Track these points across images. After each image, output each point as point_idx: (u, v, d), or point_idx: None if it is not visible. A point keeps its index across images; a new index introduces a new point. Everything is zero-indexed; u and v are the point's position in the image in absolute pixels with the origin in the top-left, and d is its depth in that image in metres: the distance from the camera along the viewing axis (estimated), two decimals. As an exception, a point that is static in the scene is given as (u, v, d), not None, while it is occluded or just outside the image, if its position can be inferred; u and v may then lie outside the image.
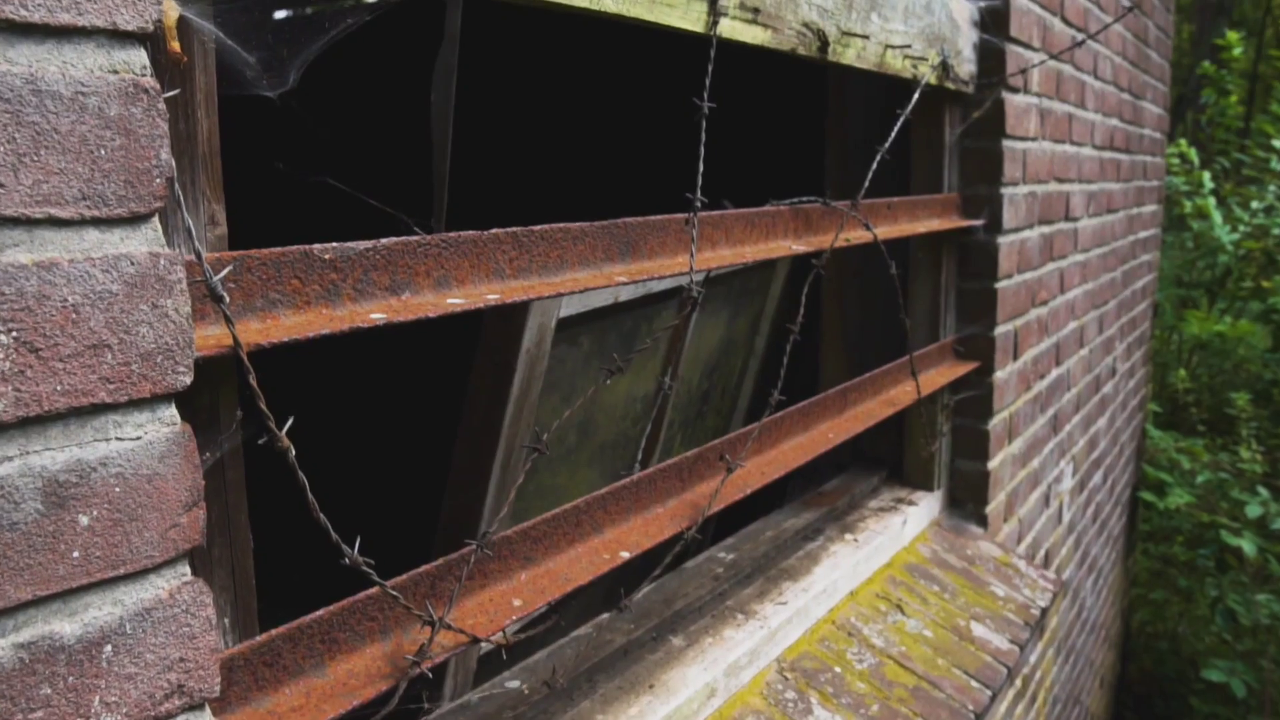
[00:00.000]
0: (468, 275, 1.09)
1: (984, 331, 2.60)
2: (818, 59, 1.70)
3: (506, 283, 1.13)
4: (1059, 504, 3.57)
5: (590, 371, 1.87)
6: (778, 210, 1.67)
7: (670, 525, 1.43)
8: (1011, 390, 2.81)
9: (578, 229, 1.23)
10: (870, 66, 1.89)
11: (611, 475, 2.16)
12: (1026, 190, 2.74)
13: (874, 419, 2.03)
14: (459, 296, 1.05)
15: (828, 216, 1.84)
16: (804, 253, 1.65)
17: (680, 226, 1.42)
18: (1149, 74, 4.66)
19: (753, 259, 1.49)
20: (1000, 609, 2.43)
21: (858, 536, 2.32)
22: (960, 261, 2.59)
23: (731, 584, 2.01)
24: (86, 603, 0.69)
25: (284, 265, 0.91)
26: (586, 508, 1.32)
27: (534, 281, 1.17)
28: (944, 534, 2.64)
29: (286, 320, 0.91)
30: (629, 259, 1.32)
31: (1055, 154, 3.02)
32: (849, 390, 2.03)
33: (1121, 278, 4.40)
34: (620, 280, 1.23)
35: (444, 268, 1.06)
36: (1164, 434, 5.76)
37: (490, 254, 1.11)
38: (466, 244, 1.08)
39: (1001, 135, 2.51)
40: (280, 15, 0.88)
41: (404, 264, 1.01)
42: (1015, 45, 2.54)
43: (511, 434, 1.61)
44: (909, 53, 2.04)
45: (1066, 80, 3.09)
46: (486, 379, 1.56)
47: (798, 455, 1.75)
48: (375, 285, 0.99)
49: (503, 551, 1.19)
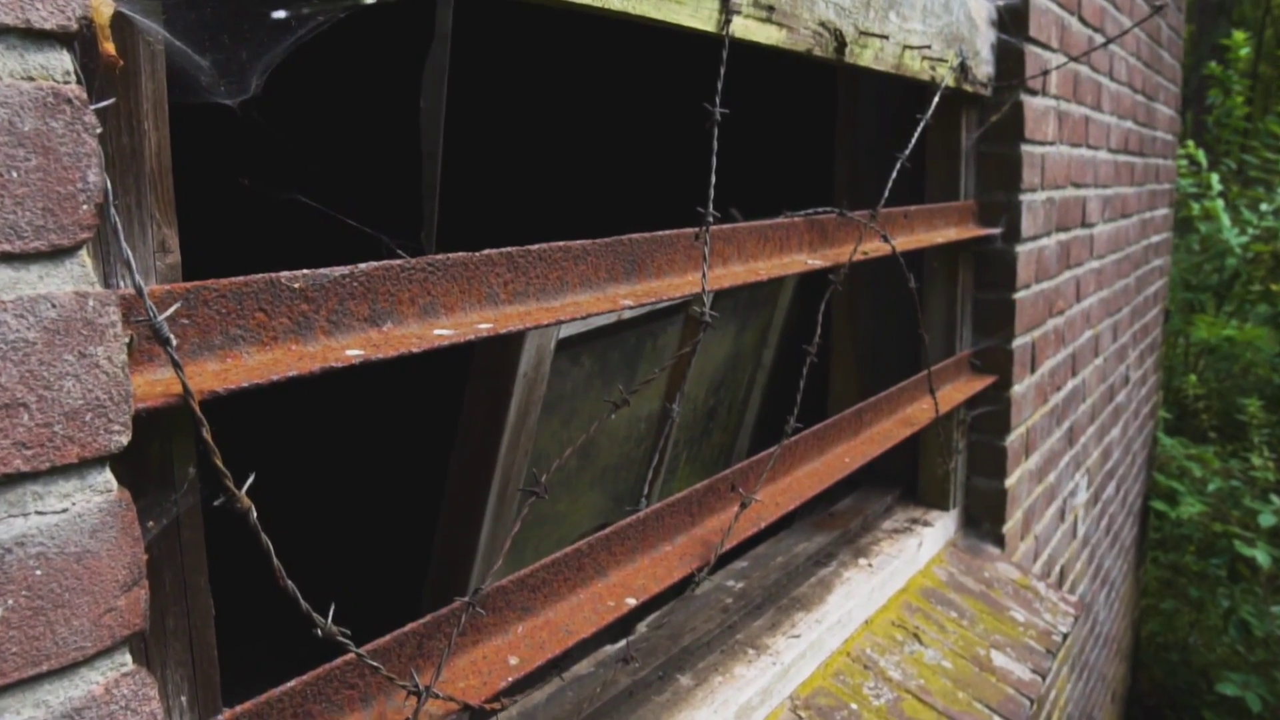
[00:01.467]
0: (457, 302, 0.98)
1: (1002, 344, 2.49)
2: (834, 61, 1.59)
3: (500, 309, 1.02)
4: (1074, 518, 3.47)
5: (592, 392, 1.76)
6: (792, 222, 1.56)
7: (680, 565, 1.32)
8: (1029, 404, 2.70)
9: (578, 248, 1.12)
10: (888, 69, 1.79)
11: (614, 498, 2.05)
12: (1044, 196, 2.63)
13: (891, 441, 1.93)
14: (447, 326, 0.95)
15: (843, 228, 1.74)
16: (821, 268, 1.54)
17: (689, 242, 1.31)
18: (1161, 75, 4.56)
19: (766, 276, 1.39)
20: (1021, 636, 2.32)
21: (872, 561, 2.21)
22: (977, 271, 2.49)
23: (741, 615, 1.90)
24: (2, 708, 0.59)
25: (247, 296, 0.80)
26: (589, 550, 1.21)
27: (531, 307, 1.06)
28: (960, 555, 2.53)
29: (250, 359, 0.80)
30: (634, 279, 1.22)
31: (1072, 158, 2.91)
32: (864, 410, 1.92)
33: (1135, 283, 4.29)
34: (626, 304, 1.12)
35: (430, 294, 0.95)
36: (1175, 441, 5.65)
37: (482, 277, 1.01)
38: (456, 267, 0.98)
39: (1020, 139, 2.41)
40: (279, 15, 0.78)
41: (385, 291, 0.91)
42: (1034, 46, 2.44)
43: (508, 463, 1.50)
44: (927, 54, 1.93)
45: (1084, 82, 2.99)
46: (481, 405, 1.45)
47: (813, 483, 1.64)
48: (353, 316, 0.88)
49: (497, 603, 1.08)
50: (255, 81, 0.76)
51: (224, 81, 0.73)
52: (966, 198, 2.41)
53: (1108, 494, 4.14)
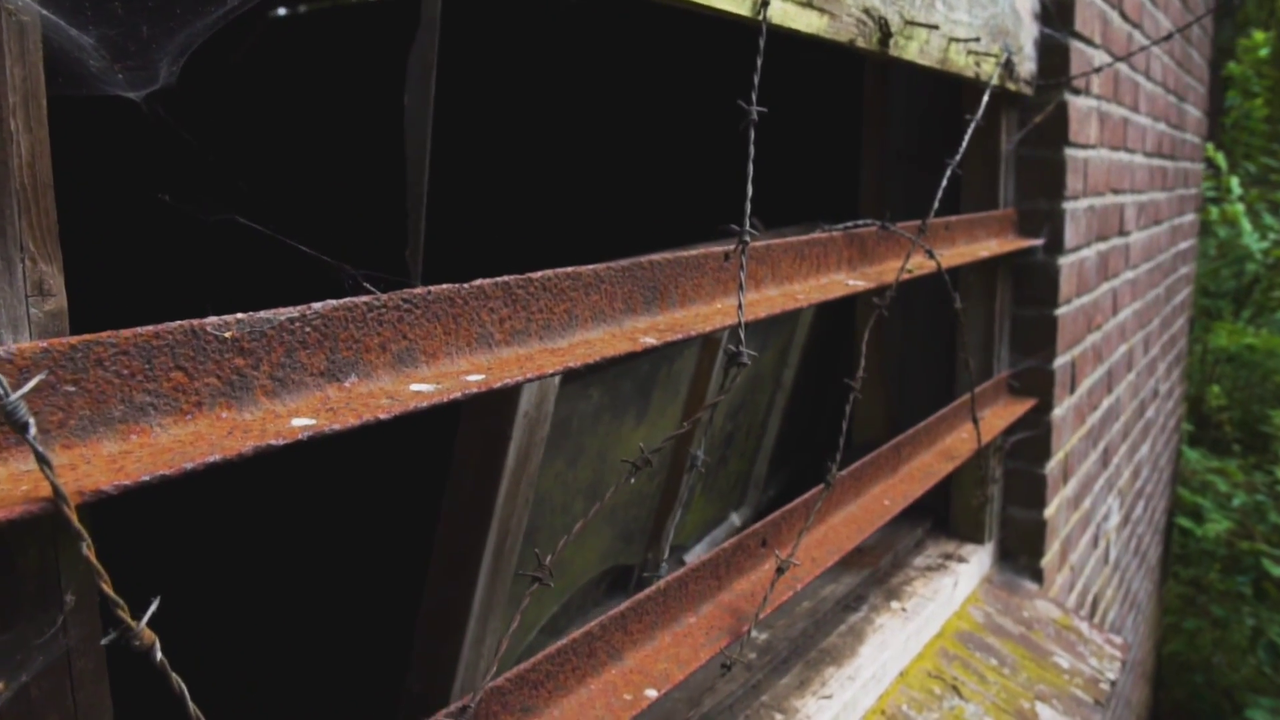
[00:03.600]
0: (440, 346, 0.79)
1: (1042, 364, 2.30)
2: (876, 53, 1.40)
3: (495, 353, 0.83)
4: (1105, 543, 3.27)
5: (601, 426, 1.57)
6: (830, 237, 1.37)
7: (707, 642, 1.12)
8: (1068, 427, 2.51)
9: (589, 274, 0.93)
10: (933, 64, 1.59)
11: (624, 537, 1.86)
12: (1086, 204, 2.44)
13: (932, 478, 1.73)
14: (428, 379, 0.75)
15: (884, 242, 1.54)
16: (864, 290, 1.35)
17: (718, 264, 1.12)
18: (1190, 75, 4.36)
19: (806, 302, 1.19)
20: (1066, 685, 2.13)
21: (905, 605, 2.02)
22: (1015, 286, 2.29)
23: (766, 673, 1.71)
24: None
25: (159, 351, 0.61)
26: (602, 632, 1.02)
27: (533, 348, 0.87)
28: (996, 593, 2.34)
29: (163, 435, 0.61)
30: (656, 308, 1.02)
31: (1112, 163, 2.72)
32: (902, 445, 1.73)
33: (1164, 293, 4.10)
34: (648, 341, 0.92)
35: (407, 338, 0.76)
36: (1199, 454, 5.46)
37: (472, 314, 0.81)
38: (439, 303, 0.78)
39: (1064, 143, 2.21)
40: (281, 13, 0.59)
41: (348, 337, 0.71)
42: (1079, 42, 2.24)
43: (506, 514, 1.31)
44: (973, 48, 1.74)
45: (1123, 81, 2.80)
46: (474, 449, 1.26)
47: (851, 532, 1.45)
48: (305, 370, 0.69)
49: (492, 707, 0.89)
50: (166, 68, 0.57)
51: (121, 67, 0.54)
52: (1005, 206, 2.22)
53: (1136, 514, 3.95)
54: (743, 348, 0.96)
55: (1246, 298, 7.67)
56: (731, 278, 1.14)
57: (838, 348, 2.81)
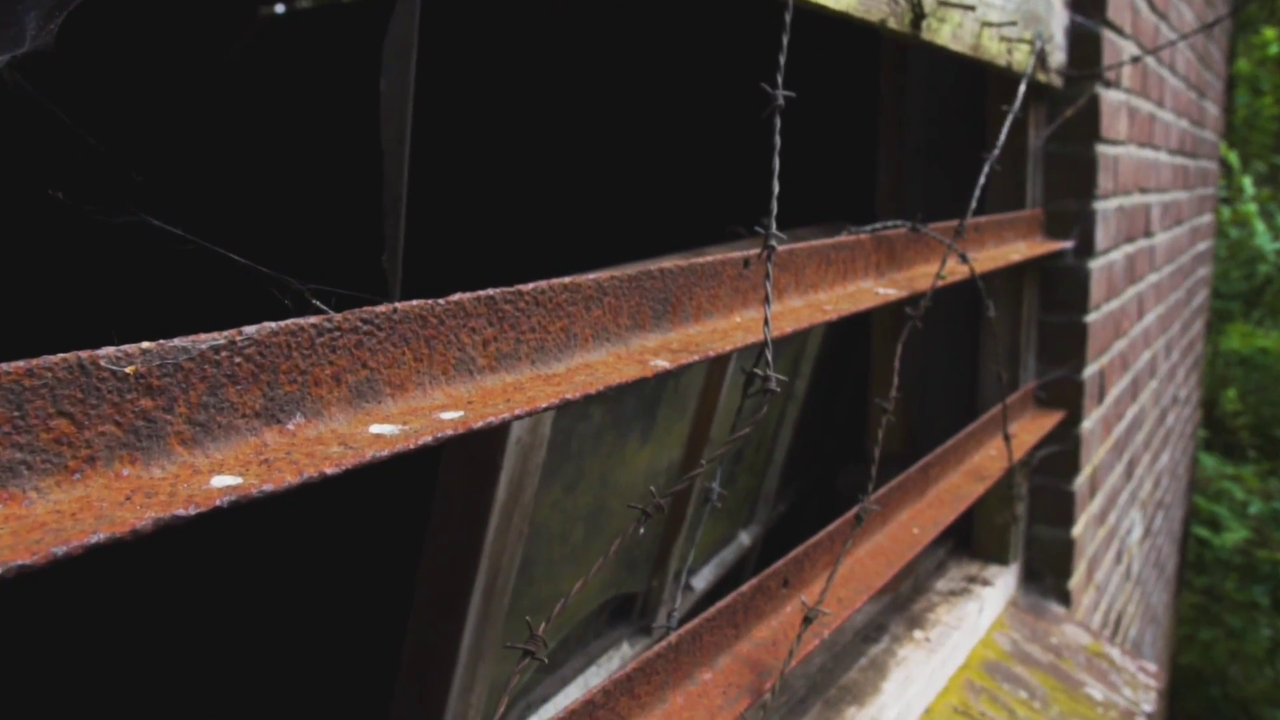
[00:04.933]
0: (410, 376, 0.65)
1: (1071, 374, 2.16)
2: (908, 35, 1.26)
3: (478, 382, 0.69)
4: (1128, 559, 3.14)
5: (603, 448, 1.43)
6: (857, 240, 1.23)
7: (725, 704, 0.99)
8: (1096, 440, 2.37)
9: (590, 285, 0.79)
10: (965, 49, 1.46)
11: (628, 565, 1.72)
12: (1116, 204, 2.30)
13: (963, 501, 1.59)
14: (392, 418, 0.62)
15: (912, 246, 1.41)
16: (896, 300, 1.21)
17: (737, 271, 0.98)
18: (1210, 70, 4.23)
19: (835, 314, 1.06)
20: (1101, 719, 1.99)
21: (929, 634, 1.88)
22: (1043, 291, 2.15)
23: (783, 714, 1.57)
24: None
25: (34, 393, 0.47)
26: (605, 699, 0.88)
27: (522, 375, 0.73)
28: (1022, 616, 2.20)
29: (39, 504, 0.47)
30: (667, 324, 0.88)
31: (1140, 161, 2.58)
32: (930, 465, 1.59)
33: (1185, 296, 3.97)
34: (659, 365, 0.79)
35: (367, 366, 0.62)
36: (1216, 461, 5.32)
37: (450, 336, 0.68)
38: (408, 323, 0.65)
39: (1095, 138, 2.08)
40: None
41: (291, 368, 0.58)
42: (1110, 31, 2.11)
43: (497, 551, 1.17)
44: (1006, 33, 1.60)
45: (1150, 75, 2.66)
46: (461, 480, 1.12)
47: (880, 566, 1.31)
48: (235, 411, 0.55)
49: (475, 799, 0.75)
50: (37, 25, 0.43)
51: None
52: (1033, 206, 2.08)
53: (1156, 525, 3.81)
54: (770, 371, 0.82)
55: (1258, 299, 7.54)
56: (752, 287, 1.00)
57: (848, 356, 2.67)
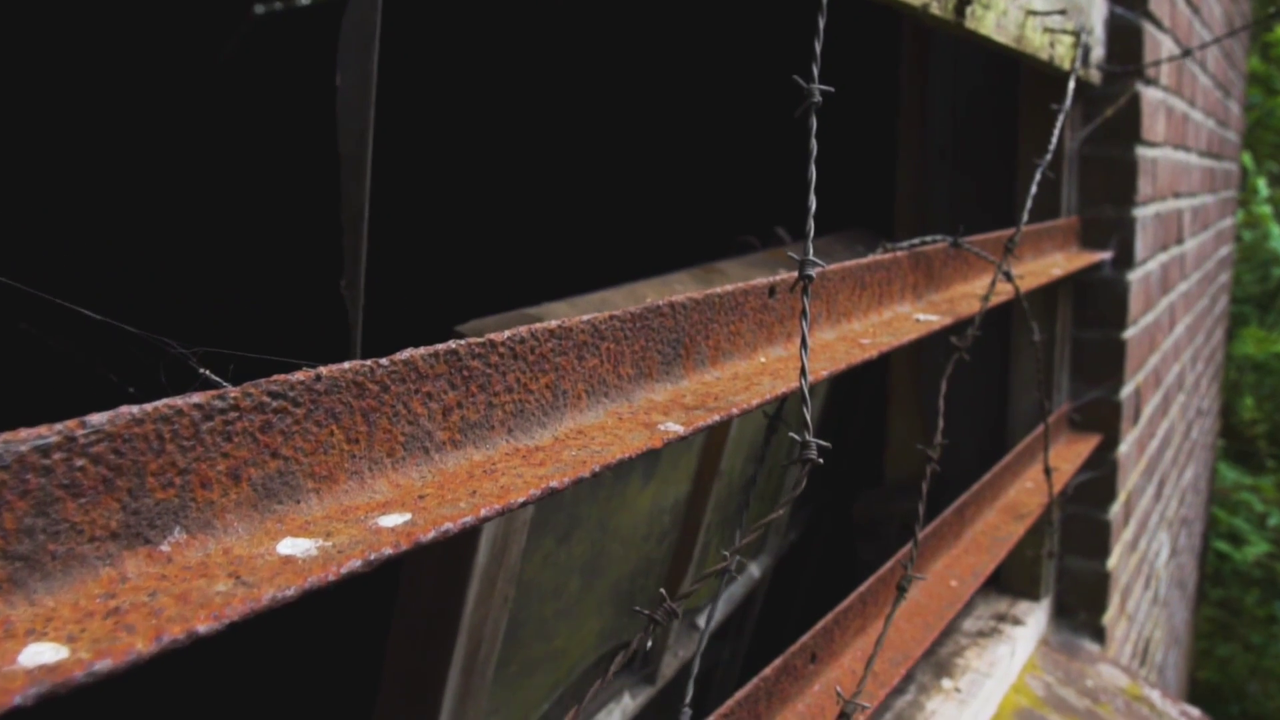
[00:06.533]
0: (341, 463, 0.49)
1: (1108, 395, 2.00)
2: (951, 23, 1.10)
3: (435, 463, 0.53)
4: (1156, 583, 2.97)
5: (601, 492, 1.26)
6: (894, 259, 1.07)
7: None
8: (1132, 463, 2.21)
9: (584, 329, 0.63)
10: (1008, 40, 1.30)
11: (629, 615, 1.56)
12: (1154, 211, 2.14)
13: (1003, 546, 1.43)
14: (312, 528, 0.45)
15: (950, 263, 1.24)
16: (938, 327, 1.05)
17: (761, 301, 0.82)
18: (1234, 68, 4.07)
19: (874, 350, 0.89)
20: (1145, 772, 1.83)
21: (959, 683, 1.72)
22: (1077, 305, 1.99)
23: (802, 783, 1.41)
24: None
25: None
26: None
27: (495, 450, 0.57)
28: (1054, 657, 2.04)
29: None
30: (679, 369, 0.72)
31: (1175, 163, 2.42)
32: (965, 506, 1.43)
33: (1209, 303, 3.81)
34: (670, 431, 0.62)
35: (279, 455, 0.46)
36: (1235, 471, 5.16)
37: (397, 406, 0.51)
38: (337, 392, 0.48)
39: (1136, 140, 1.91)
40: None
41: (162, 467, 0.41)
42: (1151, 24, 1.95)
43: (478, 622, 1.00)
44: (1050, 23, 1.44)
45: (1185, 72, 2.50)
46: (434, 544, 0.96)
47: (918, 630, 1.15)
48: (75, 535, 0.39)
49: None
50: None
51: None
52: (1068, 213, 1.92)
53: (1181, 543, 3.65)
54: (810, 436, 0.66)
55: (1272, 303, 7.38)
56: (778, 320, 0.84)
57: (863, 371, 2.51)
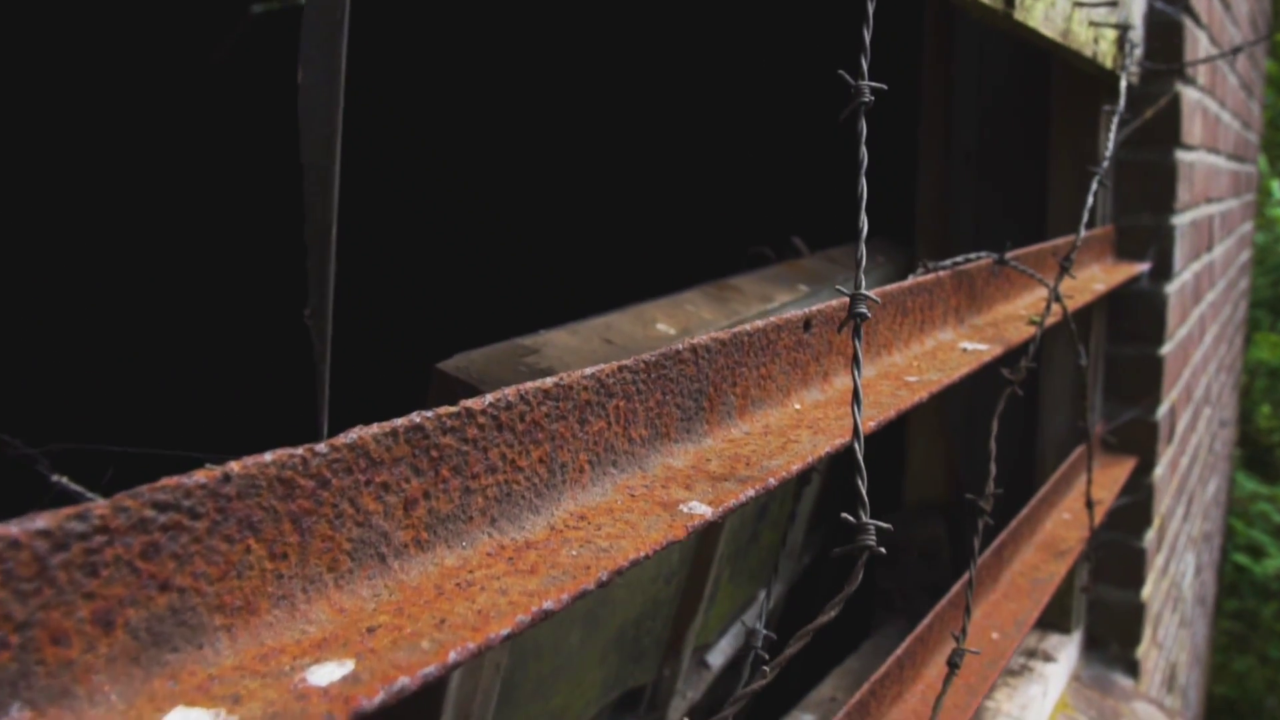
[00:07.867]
0: (262, 588, 0.36)
1: (1145, 415, 1.88)
2: (1000, 14, 0.98)
3: (394, 574, 0.41)
4: (1182, 605, 2.85)
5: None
6: (937, 280, 0.94)
7: None
8: (1166, 486, 2.09)
9: (588, 384, 0.51)
10: (1055, 34, 1.17)
11: (634, 658, 1.43)
12: (1190, 218, 2.02)
13: (1044, 587, 1.30)
14: (216, 691, 0.33)
15: (992, 282, 1.12)
16: (988, 358, 0.92)
17: (795, 339, 0.69)
18: (1256, 68, 3.94)
19: (924, 391, 0.77)
20: (1189, 823, 1.70)
21: (990, 729, 1.59)
22: (1111, 319, 1.87)
23: None
24: None
25: None
26: None
27: (474, 549, 0.44)
28: (1087, 694, 1.91)
29: None
30: (701, 425, 0.60)
31: (1208, 167, 2.30)
32: (1004, 545, 1.30)
33: (1231, 310, 3.68)
34: (696, 515, 0.50)
35: (171, 587, 0.33)
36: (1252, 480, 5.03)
37: (344, 501, 0.39)
38: (255, 494, 0.36)
39: (1175, 143, 1.79)
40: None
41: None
42: (1191, 21, 1.82)
43: (465, 698, 0.88)
44: (1095, 16, 1.32)
45: (1218, 72, 2.38)
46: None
47: (962, 697, 1.02)
48: None
49: None
50: None
51: None
52: (1103, 222, 1.79)
53: (1204, 560, 3.52)
54: (867, 516, 0.53)
55: (1284, 307, 7.25)
56: (813, 357, 0.72)
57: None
